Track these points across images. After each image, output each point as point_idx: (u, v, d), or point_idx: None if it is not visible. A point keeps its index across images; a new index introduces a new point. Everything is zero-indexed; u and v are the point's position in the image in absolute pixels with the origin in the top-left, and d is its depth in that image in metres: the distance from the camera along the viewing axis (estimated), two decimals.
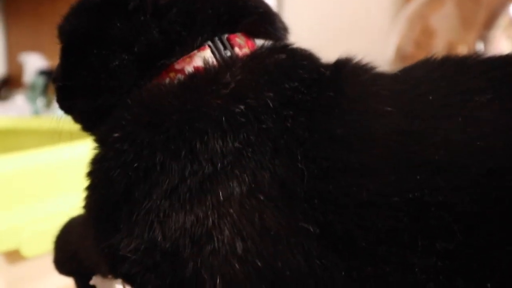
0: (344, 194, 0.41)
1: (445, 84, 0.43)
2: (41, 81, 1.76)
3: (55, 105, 0.57)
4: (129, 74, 0.50)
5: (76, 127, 0.57)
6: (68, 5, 0.56)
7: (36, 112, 1.69)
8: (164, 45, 0.50)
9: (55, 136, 0.61)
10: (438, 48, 1.57)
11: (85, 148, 0.53)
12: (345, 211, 0.40)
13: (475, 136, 0.39)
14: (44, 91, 1.75)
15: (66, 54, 0.55)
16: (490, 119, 0.40)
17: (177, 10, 0.50)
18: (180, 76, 0.49)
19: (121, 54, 0.50)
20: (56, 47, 0.56)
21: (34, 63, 1.81)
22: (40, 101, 1.74)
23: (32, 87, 1.74)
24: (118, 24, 0.50)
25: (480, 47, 1.55)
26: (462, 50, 1.56)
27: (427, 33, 1.59)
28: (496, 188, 0.37)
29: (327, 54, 0.53)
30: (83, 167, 0.50)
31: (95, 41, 0.51)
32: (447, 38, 1.58)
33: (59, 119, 0.58)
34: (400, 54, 1.59)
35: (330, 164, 0.42)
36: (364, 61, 0.50)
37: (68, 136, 0.59)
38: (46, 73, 1.79)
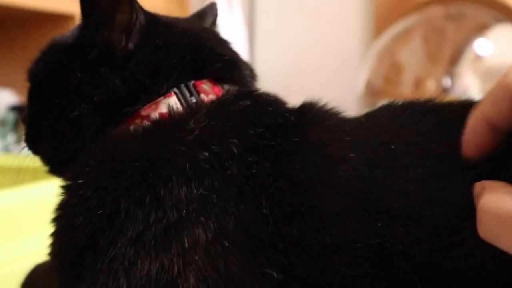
0: (308, 238, 0.41)
1: (406, 133, 0.44)
2: (11, 116, 1.75)
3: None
4: (89, 124, 0.50)
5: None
6: (40, 42, 0.56)
7: (6, 149, 1.67)
8: (127, 94, 0.50)
9: (26, 174, 0.60)
10: (407, 83, 1.60)
11: (52, 189, 0.52)
12: (309, 255, 0.41)
13: (433, 188, 0.39)
14: (15, 127, 1.73)
15: (32, 99, 0.55)
16: (448, 172, 0.40)
17: (137, 60, 0.50)
18: (146, 122, 0.49)
19: (80, 104, 0.50)
20: (27, 83, 0.56)
21: (5, 99, 1.79)
22: (11, 137, 1.72)
23: (2, 123, 1.72)
24: (78, 74, 0.50)
25: (447, 82, 1.58)
26: (430, 84, 1.60)
27: (395, 68, 1.62)
28: (450, 242, 0.38)
29: (299, 88, 0.54)
30: (51, 207, 0.50)
31: (56, 90, 0.51)
32: (415, 73, 1.62)
33: (27, 156, 0.57)
34: (370, 88, 1.62)
35: (293, 208, 0.42)
36: (329, 106, 0.51)
37: (34, 175, 0.58)
38: (17, 109, 1.77)
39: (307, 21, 2.10)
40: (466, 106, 0.45)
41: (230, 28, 2.04)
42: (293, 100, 0.54)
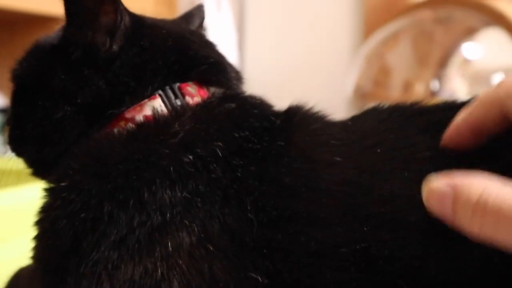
0: (293, 243, 0.41)
1: (392, 136, 0.44)
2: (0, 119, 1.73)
3: None
4: (73, 126, 0.50)
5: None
6: (27, 44, 0.55)
7: None
8: (111, 96, 0.49)
9: (14, 176, 0.60)
10: (396, 86, 1.61)
11: (35, 192, 0.52)
12: (294, 260, 0.40)
13: (419, 192, 0.39)
14: (3, 129, 1.72)
15: (15, 100, 0.54)
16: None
17: (121, 62, 0.50)
18: (130, 125, 0.49)
19: (63, 106, 0.50)
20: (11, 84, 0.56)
21: None
22: None
23: None
24: (62, 76, 0.50)
25: (435, 85, 1.59)
26: (419, 88, 1.60)
27: (384, 71, 1.63)
28: (437, 246, 0.38)
29: (288, 90, 0.54)
30: (33, 211, 0.49)
31: (40, 91, 0.51)
32: (404, 76, 1.62)
33: (11, 159, 0.57)
34: (359, 92, 1.62)
35: (278, 212, 0.42)
36: (315, 109, 0.51)
37: (18, 177, 0.58)
38: (5, 111, 1.76)
39: (296, 24, 2.11)
40: (451, 107, 0.45)
41: (219, 29, 2.04)
42: (282, 102, 0.54)
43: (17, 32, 1.68)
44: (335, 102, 1.48)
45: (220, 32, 2.02)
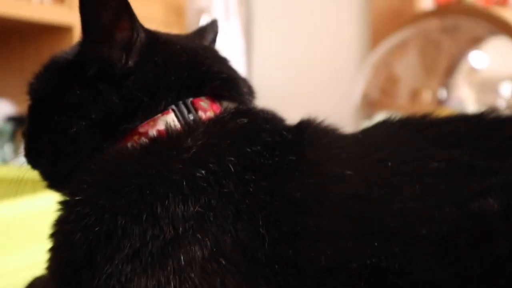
0: (304, 259, 0.42)
1: (403, 150, 0.45)
2: (8, 127, 1.74)
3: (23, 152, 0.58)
4: (87, 140, 0.50)
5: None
6: (38, 53, 0.56)
7: (3, 159, 1.67)
8: (125, 111, 0.50)
9: (23, 185, 0.60)
10: (403, 94, 1.61)
11: (49, 200, 0.52)
12: (305, 276, 0.41)
13: (430, 205, 0.40)
14: (12, 138, 1.73)
15: (31, 114, 0.55)
16: (445, 187, 0.41)
17: (135, 77, 0.51)
18: (143, 139, 0.49)
19: (78, 120, 0.50)
20: (24, 93, 0.56)
21: (2, 110, 1.79)
22: (8, 148, 1.72)
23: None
24: (77, 91, 0.51)
25: (442, 93, 1.59)
26: (426, 96, 1.61)
27: (391, 80, 1.63)
28: (448, 258, 0.38)
29: (295, 99, 0.54)
30: (48, 219, 0.50)
31: (55, 106, 0.52)
32: (411, 85, 1.63)
33: (24, 167, 0.57)
34: (366, 100, 1.63)
35: (289, 228, 0.43)
36: (326, 122, 0.52)
37: (37, 185, 0.59)
38: (14, 119, 1.77)
39: (304, 33, 2.11)
40: (462, 119, 0.46)
41: (228, 37, 2.05)
42: (289, 110, 0.54)
43: (28, 41, 1.69)
44: (342, 110, 1.49)
45: (228, 41, 2.03)
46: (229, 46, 2.05)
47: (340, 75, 1.97)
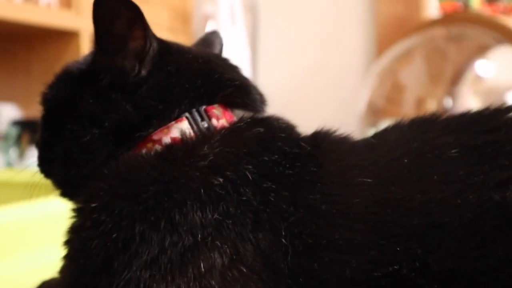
0: (329, 272, 0.42)
1: (416, 144, 0.46)
2: (14, 131, 1.74)
3: (28, 156, 0.58)
4: (101, 148, 0.51)
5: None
6: (43, 58, 0.56)
7: (9, 163, 1.67)
8: (138, 118, 0.50)
9: (28, 189, 0.60)
10: (408, 102, 1.62)
11: (59, 204, 0.52)
12: None
13: (450, 192, 0.41)
14: (17, 142, 1.73)
15: (45, 123, 0.55)
16: (462, 174, 0.42)
17: (148, 86, 0.51)
18: (157, 146, 0.49)
19: (91, 129, 0.51)
20: (29, 97, 0.57)
21: (7, 113, 1.79)
22: (13, 152, 1.72)
23: (5, 138, 1.72)
24: (90, 100, 0.51)
25: (448, 102, 1.60)
26: (431, 104, 1.61)
27: (397, 88, 1.64)
28: (469, 244, 0.39)
29: (301, 107, 0.54)
30: (57, 223, 0.50)
31: (68, 115, 0.52)
32: (417, 93, 1.63)
33: (33, 171, 0.57)
34: (371, 108, 1.63)
35: (314, 240, 0.43)
36: (340, 132, 0.52)
37: (42, 190, 0.59)
38: (19, 124, 1.77)
39: (309, 40, 2.12)
40: (470, 112, 0.47)
41: (233, 44, 2.05)
42: (295, 117, 0.55)
43: (33, 46, 1.70)
44: (347, 117, 1.49)
45: (233, 47, 2.03)
46: (234, 53, 2.05)
47: (345, 83, 1.98)
